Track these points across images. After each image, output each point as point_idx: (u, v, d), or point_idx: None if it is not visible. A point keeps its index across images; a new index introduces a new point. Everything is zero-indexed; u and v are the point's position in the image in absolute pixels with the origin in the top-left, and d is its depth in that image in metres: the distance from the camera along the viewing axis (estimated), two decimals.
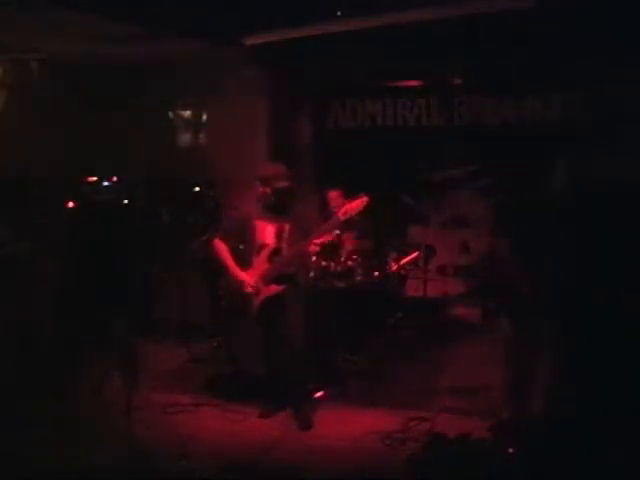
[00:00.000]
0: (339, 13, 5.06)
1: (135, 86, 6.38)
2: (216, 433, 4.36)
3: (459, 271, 6.94)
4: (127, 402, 4.06)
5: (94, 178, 6.19)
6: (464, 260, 6.87)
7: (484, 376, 5.03)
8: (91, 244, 5.95)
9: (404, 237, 6.58)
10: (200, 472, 3.81)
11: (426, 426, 4.29)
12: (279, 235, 4.51)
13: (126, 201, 6.28)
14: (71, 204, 6.04)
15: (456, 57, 6.15)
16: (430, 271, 6.37)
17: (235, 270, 4.55)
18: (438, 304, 6.42)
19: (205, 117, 7.18)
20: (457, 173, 6.80)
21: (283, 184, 4.46)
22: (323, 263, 5.30)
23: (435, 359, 5.56)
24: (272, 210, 4.53)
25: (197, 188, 6.63)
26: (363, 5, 4.93)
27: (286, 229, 4.51)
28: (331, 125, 7.13)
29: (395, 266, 5.96)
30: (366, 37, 5.52)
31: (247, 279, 4.50)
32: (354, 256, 5.43)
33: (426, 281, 6.14)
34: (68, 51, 5.64)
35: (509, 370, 4.18)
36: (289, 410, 4.60)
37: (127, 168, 6.29)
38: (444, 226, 6.92)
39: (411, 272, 6.23)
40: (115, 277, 5.79)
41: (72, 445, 4.09)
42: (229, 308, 4.64)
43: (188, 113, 7.24)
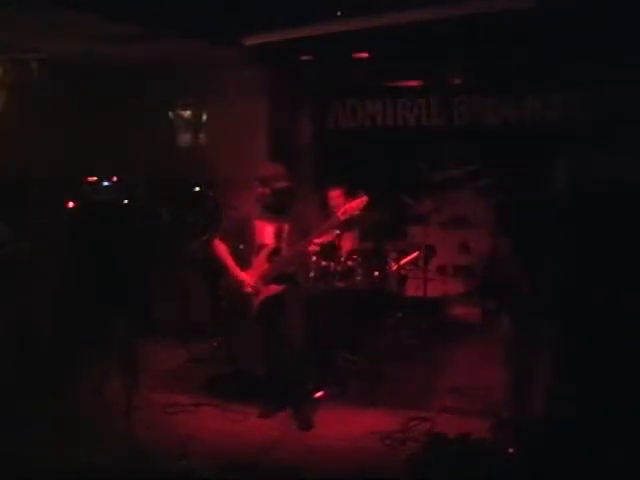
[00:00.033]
0: (339, 13, 5.05)
1: (135, 86, 6.38)
2: (216, 433, 4.36)
3: (459, 271, 6.95)
4: (127, 402, 4.06)
5: (94, 178, 6.20)
6: (464, 260, 6.87)
7: (484, 376, 5.05)
8: (91, 244, 5.95)
9: (404, 237, 6.58)
10: (200, 472, 3.81)
11: (426, 426, 4.29)
12: (278, 235, 4.52)
13: (126, 201, 6.29)
14: (71, 204, 6.04)
15: (456, 57, 6.15)
16: (430, 271, 6.37)
17: (235, 270, 4.55)
18: (438, 304, 6.43)
19: (205, 117, 7.18)
20: (457, 173, 6.81)
21: (282, 184, 4.46)
22: (323, 263, 5.30)
23: (435, 359, 5.57)
24: (271, 210, 4.53)
25: (197, 188, 6.64)
26: (363, 5, 4.93)
27: (285, 229, 4.52)
28: (331, 125, 7.13)
29: (395, 266, 5.96)
30: (366, 37, 5.52)
31: (247, 279, 4.50)
32: (354, 256, 5.43)
33: (426, 281, 6.14)
34: (68, 51, 5.64)
35: (509, 370, 4.18)
36: (289, 410, 4.60)
37: (127, 168, 6.29)
38: (444, 226, 6.92)
39: (411, 272, 6.24)
40: (115, 277, 5.79)
41: (72, 445, 4.09)
42: (229, 308, 4.65)
43: (188, 113, 7.24)
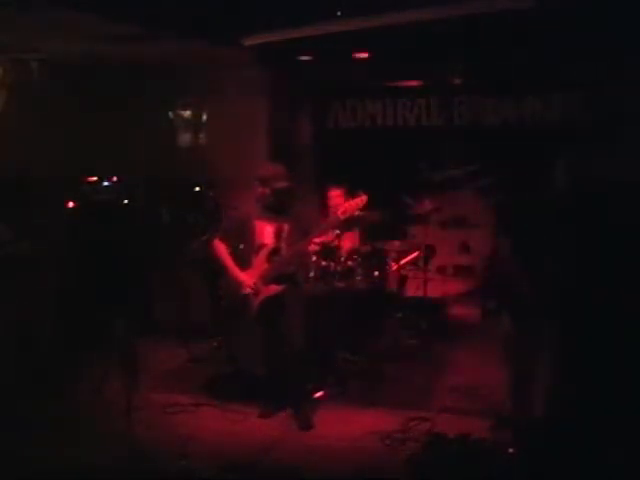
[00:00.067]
0: (339, 13, 5.05)
1: (135, 86, 6.39)
2: (216, 433, 4.36)
3: (459, 271, 6.96)
4: (127, 402, 4.06)
5: (94, 178, 6.20)
6: (464, 260, 6.88)
7: (484, 376, 5.06)
8: (91, 244, 5.95)
9: (404, 237, 6.58)
10: (200, 472, 3.81)
11: (426, 426, 4.29)
12: (278, 235, 4.51)
13: (126, 201, 6.29)
14: (71, 204, 6.04)
15: (456, 57, 6.15)
16: (430, 271, 6.37)
17: (234, 270, 4.55)
18: (438, 304, 6.43)
19: (205, 117, 7.18)
20: (457, 173, 6.81)
21: (282, 184, 4.46)
22: (323, 263, 5.30)
23: (435, 359, 5.57)
24: (271, 210, 4.53)
25: (197, 188, 6.64)
26: (363, 5, 4.92)
27: (285, 229, 4.52)
28: (331, 125, 7.14)
29: (395, 266, 5.96)
30: (366, 37, 5.51)
31: (246, 280, 4.50)
32: (354, 256, 5.43)
33: (426, 281, 6.14)
34: (68, 51, 5.64)
35: (509, 370, 4.18)
36: (289, 410, 4.60)
37: (127, 168, 6.29)
38: (444, 226, 6.93)
39: (411, 272, 6.24)
40: (115, 277, 5.79)
41: (72, 445, 4.09)
42: (229, 308, 4.64)
43: (188, 113, 7.24)
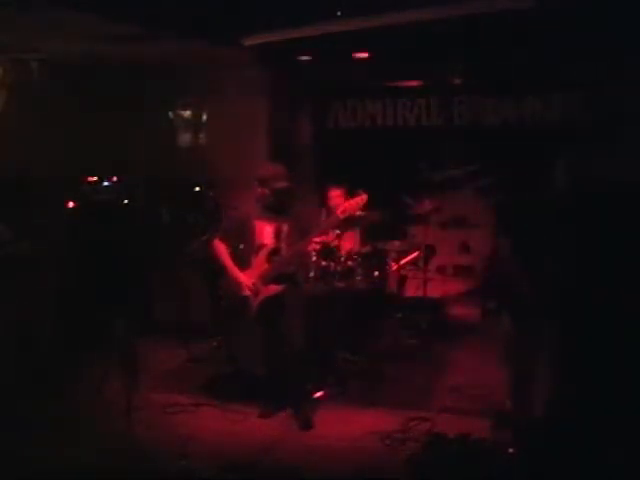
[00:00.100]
0: (339, 13, 5.05)
1: (135, 86, 6.39)
2: (216, 433, 4.36)
3: (459, 271, 6.95)
4: (127, 402, 4.06)
5: (94, 178, 6.19)
6: (464, 260, 6.88)
7: (484, 376, 5.06)
8: (91, 244, 5.95)
9: (404, 237, 6.58)
10: (200, 472, 3.81)
11: (426, 426, 4.29)
12: (278, 235, 4.52)
13: (126, 201, 6.29)
14: (71, 204, 6.04)
15: (456, 57, 6.14)
16: (430, 271, 6.37)
17: (234, 271, 4.55)
18: (438, 304, 6.43)
19: (205, 117, 7.18)
20: (457, 173, 6.81)
21: (282, 184, 4.46)
22: (323, 263, 5.30)
23: (435, 359, 5.57)
24: (271, 210, 4.53)
25: (197, 188, 6.64)
26: (363, 5, 4.92)
27: (285, 229, 4.52)
28: (331, 125, 7.14)
29: (395, 266, 5.96)
30: (366, 37, 5.51)
31: (246, 280, 4.50)
32: (354, 256, 5.42)
33: (426, 281, 6.14)
34: (68, 51, 5.64)
35: (509, 370, 4.18)
36: (289, 410, 4.60)
37: (127, 168, 6.29)
38: (444, 226, 6.93)
39: (411, 272, 6.23)
40: (115, 277, 5.79)
41: (72, 445, 4.09)
42: (229, 308, 4.64)
43: (188, 113, 7.24)
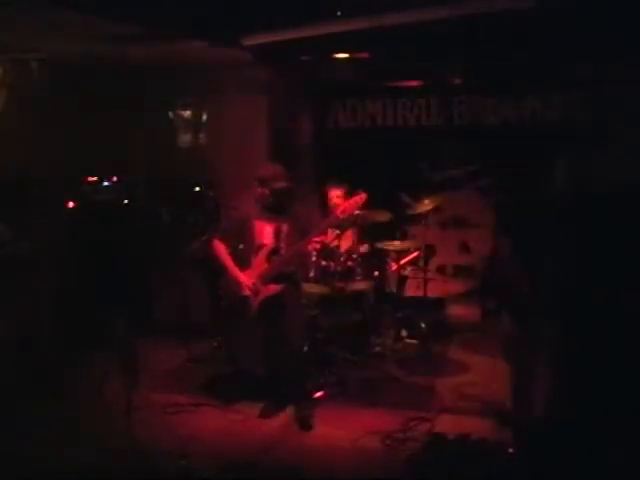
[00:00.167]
0: (339, 13, 5.05)
1: (135, 86, 6.39)
2: (216, 433, 4.36)
3: (459, 271, 6.95)
4: (127, 402, 4.06)
5: (94, 178, 6.20)
6: (464, 260, 6.87)
7: (484, 376, 5.06)
8: (91, 244, 5.95)
9: (404, 237, 6.58)
10: (200, 472, 3.81)
11: (426, 426, 4.29)
12: (278, 235, 4.52)
13: (126, 201, 6.29)
14: (71, 204, 6.04)
15: (456, 57, 6.14)
16: (430, 271, 6.37)
17: (234, 270, 4.55)
18: (438, 304, 6.43)
19: (205, 117, 7.17)
20: (457, 173, 6.81)
21: (282, 184, 4.47)
22: (323, 263, 5.30)
23: (434, 359, 5.57)
24: (271, 210, 4.53)
25: (197, 188, 6.64)
26: (363, 5, 4.92)
27: (284, 229, 4.52)
28: (331, 125, 7.13)
29: (395, 266, 5.95)
30: (366, 37, 5.51)
31: (245, 280, 4.50)
32: (354, 256, 5.42)
33: (426, 281, 6.13)
34: (68, 51, 5.64)
35: (509, 370, 4.18)
36: (289, 410, 4.60)
37: (127, 168, 6.29)
38: (444, 226, 6.92)
39: (411, 272, 6.23)
40: (115, 277, 5.79)
41: (72, 445, 4.09)
42: (229, 308, 4.64)
43: (188, 113, 7.24)
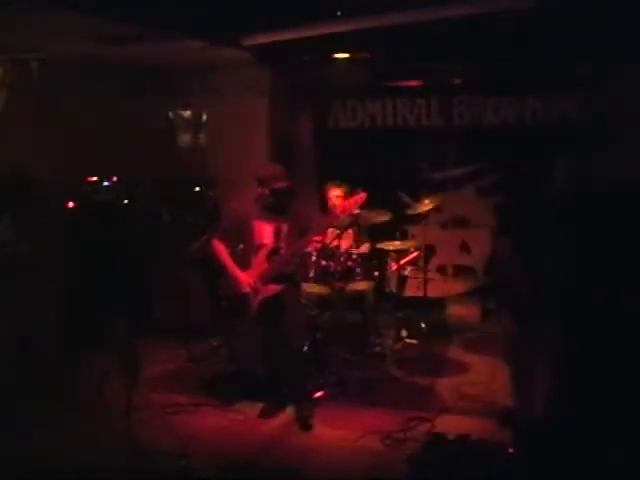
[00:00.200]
0: (339, 13, 5.05)
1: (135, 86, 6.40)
2: (216, 433, 4.36)
3: (459, 271, 6.95)
4: (127, 402, 4.06)
5: (94, 178, 6.20)
6: (464, 260, 6.88)
7: (484, 376, 5.06)
8: (91, 244, 5.95)
9: (404, 237, 6.58)
10: (200, 472, 3.81)
11: (426, 426, 4.29)
12: (277, 235, 4.52)
13: (126, 201, 6.28)
14: (71, 204, 6.04)
15: (456, 57, 6.14)
16: (430, 271, 6.37)
17: (234, 270, 4.55)
18: (438, 304, 6.43)
19: (205, 117, 7.17)
20: (457, 173, 6.82)
21: (281, 184, 4.46)
22: (323, 263, 5.30)
23: (434, 359, 5.57)
24: (270, 210, 4.53)
25: (197, 188, 6.64)
26: (363, 5, 4.92)
27: (284, 229, 4.52)
28: (331, 125, 7.14)
29: (395, 266, 5.95)
30: (366, 37, 5.51)
31: (245, 279, 4.50)
32: (354, 256, 5.42)
33: (426, 281, 6.13)
34: (68, 51, 5.64)
35: (509, 370, 4.18)
36: (289, 410, 4.61)
37: (127, 168, 6.28)
38: (444, 226, 6.93)
39: (411, 272, 6.23)
40: (115, 277, 5.79)
41: (72, 445, 4.09)
42: (229, 308, 4.64)
43: (188, 113, 7.24)
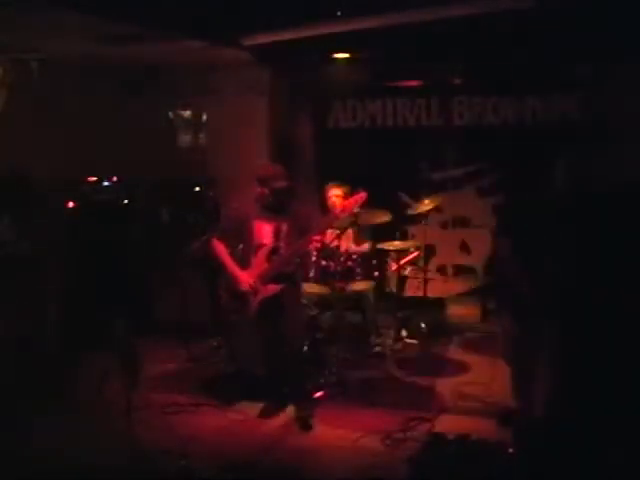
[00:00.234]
0: (339, 13, 5.05)
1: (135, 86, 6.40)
2: (216, 433, 4.36)
3: (459, 271, 6.95)
4: (127, 402, 4.06)
5: (94, 178, 6.20)
6: (464, 260, 6.88)
7: (484, 375, 5.06)
8: (91, 244, 5.95)
9: (404, 237, 6.58)
10: (200, 472, 3.81)
11: (426, 426, 4.29)
12: (277, 234, 4.51)
13: (126, 201, 6.28)
14: (71, 204, 6.03)
15: (456, 57, 6.14)
16: (430, 271, 6.37)
17: (234, 269, 4.55)
18: (438, 304, 6.43)
19: (205, 117, 7.17)
20: (457, 173, 6.82)
21: (281, 184, 4.46)
22: (323, 263, 5.29)
23: (434, 359, 5.57)
24: (270, 210, 4.52)
25: (197, 188, 6.64)
26: (363, 5, 4.92)
27: (284, 228, 4.51)
28: (331, 125, 7.14)
29: (395, 266, 5.95)
30: (366, 37, 5.51)
31: (245, 277, 4.49)
32: (354, 256, 5.42)
33: (426, 281, 6.13)
34: (68, 51, 5.64)
35: (509, 370, 4.18)
36: (289, 410, 4.61)
37: (127, 168, 6.29)
38: (444, 226, 6.93)
39: (411, 272, 6.23)
40: (115, 277, 5.79)
41: (72, 445, 4.09)
42: (229, 308, 4.64)
43: (188, 113, 7.24)
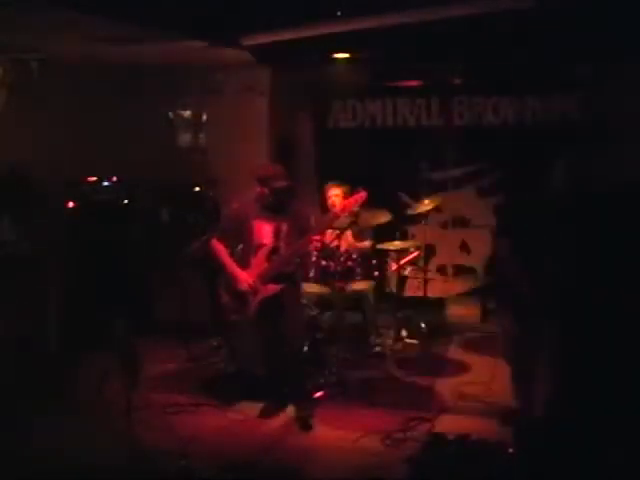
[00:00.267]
0: (339, 13, 5.05)
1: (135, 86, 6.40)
2: (216, 433, 4.36)
3: (459, 271, 6.96)
4: (127, 402, 4.06)
5: (94, 178, 6.20)
6: (464, 260, 6.88)
7: (484, 375, 5.06)
8: (91, 244, 5.95)
9: (404, 237, 6.58)
10: (200, 472, 3.81)
11: (426, 426, 4.29)
12: (277, 234, 4.51)
13: (126, 201, 6.28)
14: (71, 204, 6.04)
15: (456, 57, 6.15)
16: (430, 271, 6.37)
17: (233, 267, 4.54)
18: (438, 304, 6.43)
19: (205, 117, 7.17)
20: (457, 173, 6.82)
21: (281, 184, 4.46)
22: (323, 263, 5.29)
23: (434, 359, 5.57)
24: (270, 210, 4.52)
25: (197, 188, 6.64)
26: (363, 5, 4.92)
27: (284, 228, 4.51)
28: (331, 125, 7.14)
29: (395, 266, 5.95)
30: (366, 37, 5.52)
31: (245, 277, 4.49)
32: (354, 255, 5.42)
33: (426, 281, 6.14)
34: (68, 51, 5.64)
35: (509, 370, 4.18)
36: (289, 410, 4.61)
37: (127, 168, 6.29)
38: (444, 226, 6.93)
39: (411, 272, 6.23)
40: (115, 277, 5.79)
41: (72, 445, 4.09)
42: (229, 308, 4.64)
43: (188, 113, 7.24)
